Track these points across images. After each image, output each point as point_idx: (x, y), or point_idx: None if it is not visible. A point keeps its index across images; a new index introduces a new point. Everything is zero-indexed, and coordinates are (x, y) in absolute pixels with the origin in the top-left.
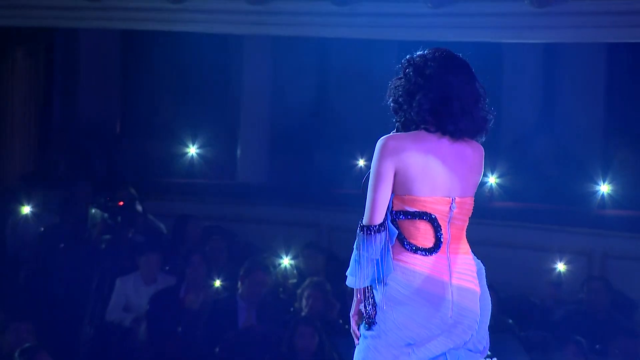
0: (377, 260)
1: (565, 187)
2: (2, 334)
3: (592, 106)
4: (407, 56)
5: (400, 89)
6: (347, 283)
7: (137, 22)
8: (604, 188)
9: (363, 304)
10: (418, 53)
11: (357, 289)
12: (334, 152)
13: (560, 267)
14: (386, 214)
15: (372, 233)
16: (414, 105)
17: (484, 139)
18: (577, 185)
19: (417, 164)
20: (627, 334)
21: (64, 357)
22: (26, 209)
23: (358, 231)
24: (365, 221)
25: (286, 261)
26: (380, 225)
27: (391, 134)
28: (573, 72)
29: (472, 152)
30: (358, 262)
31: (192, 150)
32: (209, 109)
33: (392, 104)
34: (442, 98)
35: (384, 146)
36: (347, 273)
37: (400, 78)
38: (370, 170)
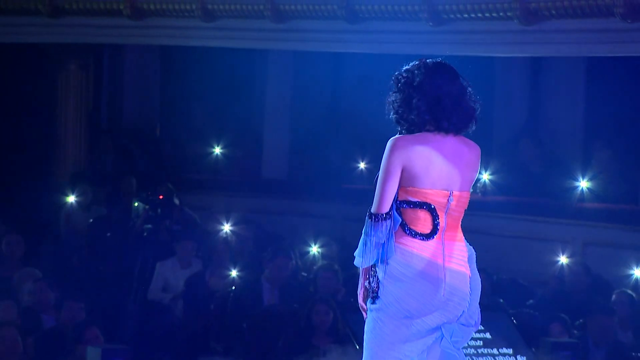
0: (382, 244)
1: (549, 183)
2: (58, 311)
3: (573, 112)
4: (396, 72)
5: (397, 101)
6: (354, 263)
7: (174, 38)
8: (583, 184)
9: (368, 281)
10: (404, 68)
11: (362, 269)
12: (345, 153)
13: (545, 254)
14: (392, 204)
15: (380, 220)
16: (412, 109)
17: (474, 128)
18: (560, 182)
19: (421, 161)
20: (603, 312)
21: (111, 331)
22: (77, 202)
23: (367, 218)
24: (374, 209)
25: (304, 248)
26: (387, 213)
27: (399, 135)
28: (556, 83)
29: (468, 151)
30: (365, 244)
31: (220, 150)
32: (237, 115)
33: (393, 116)
34: (435, 98)
35: (393, 145)
36: (355, 254)
37: (395, 92)
38: (381, 165)
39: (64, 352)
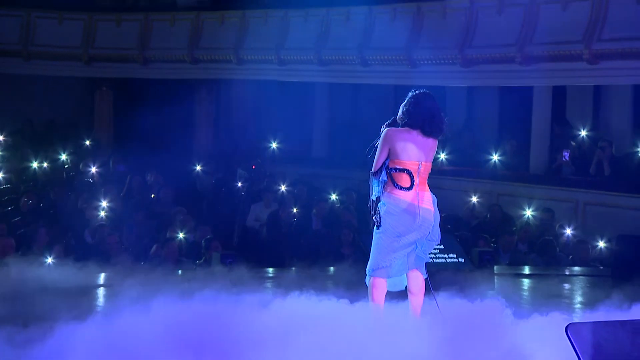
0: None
1: (478, 158)
2: (194, 233)
3: (491, 116)
4: (408, 96)
5: (406, 113)
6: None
7: (262, 75)
8: (496, 157)
9: (374, 216)
10: (410, 95)
11: (372, 200)
12: (362, 141)
13: (475, 200)
14: (383, 168)
15: (374, 176)
16: (415, 118)
17: (440, 137)
18: (484, 157)
19: (402, 143)
20: (508, 234)
21: (226, 244)
22: (205, 170)
23: (370, 174)
24: (372, 170)
25: (334, 196)
26: (377, 172)
27: (388, 127)
28: (482, 100)
29: (432, 141)
30: (371, 186)
31: (288, 140)
32: (297, 120)
33: (405, 119)
34: (428, 115)
35: (385, 134)
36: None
37: (405, 107)
38: (378, 143)
39: (199, 256)
